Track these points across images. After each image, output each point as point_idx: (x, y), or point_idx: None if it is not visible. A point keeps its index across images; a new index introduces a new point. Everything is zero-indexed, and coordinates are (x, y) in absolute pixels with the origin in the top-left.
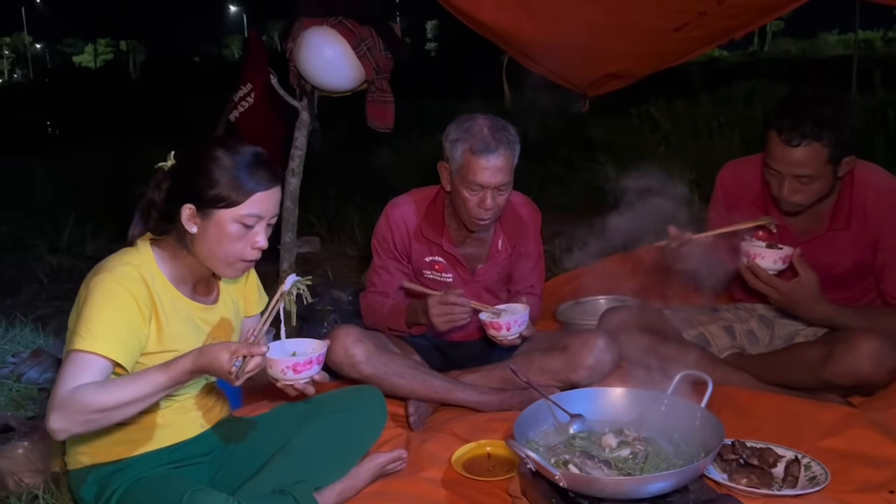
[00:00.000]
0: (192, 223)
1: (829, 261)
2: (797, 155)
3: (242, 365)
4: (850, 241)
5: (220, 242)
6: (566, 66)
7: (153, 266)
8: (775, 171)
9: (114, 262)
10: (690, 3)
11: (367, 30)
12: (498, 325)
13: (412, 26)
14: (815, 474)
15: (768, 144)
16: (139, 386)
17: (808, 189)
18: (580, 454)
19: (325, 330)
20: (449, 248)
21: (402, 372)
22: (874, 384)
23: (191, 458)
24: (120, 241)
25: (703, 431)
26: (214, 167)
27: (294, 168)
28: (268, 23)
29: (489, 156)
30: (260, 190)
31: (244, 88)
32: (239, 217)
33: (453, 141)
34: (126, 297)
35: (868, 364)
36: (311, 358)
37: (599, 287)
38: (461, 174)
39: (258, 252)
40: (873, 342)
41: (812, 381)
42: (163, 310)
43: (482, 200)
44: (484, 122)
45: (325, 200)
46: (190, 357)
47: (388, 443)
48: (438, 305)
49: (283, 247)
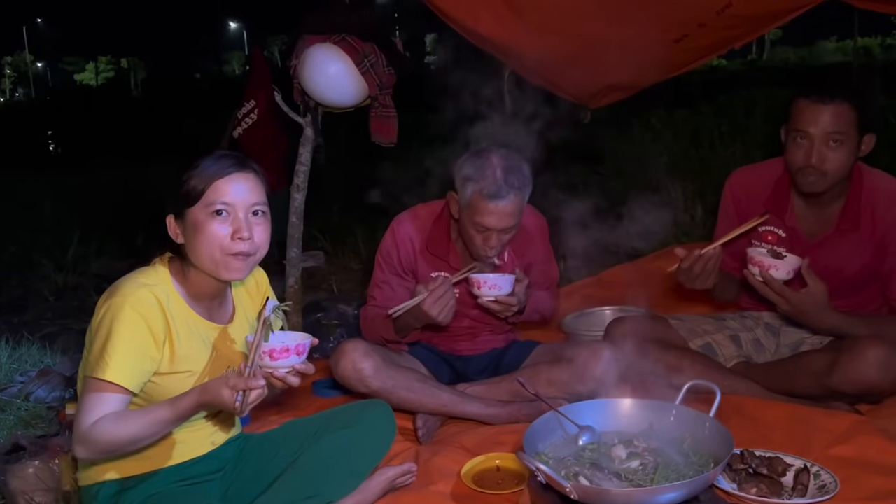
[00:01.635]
0: (176, 233)
1: (838, 264)
2: (829, 112)
3: (244, 398)
4: (858, 243)
5: (201, 242)
6: (567, 79)
7: (169, 285)
8: (805, 133)
9: (130, 284)
10: (690, 14)
11: (370, 46)
12: (477, 281)
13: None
14: (824, 483)
15: (796, 113)
16: (148, 423)
17: (836, 156)
18: (590, 466)
19: (331, 345)
20: (456, 263)
21: (411, 385)
22: (881, 392)
23: (202, 476)
24: (125, 258)
25: (712, 441)
26: (185, 172)
27: (299, 183)
28: (268, 38)
29: (499, 201)
30: (220, 176)
31: (247, 105)
32: (206, 207)
33: (465, 178)
34: (141, 325)
35: (875, 372)
36: (287, 346)
37: (604, 297)
38: (469, 213)
39: (245, 244)
40: (880, 350)
41: (818, 389)
42: (177, 332)
43: (487, 239)
44: (498, 161)
45: (328, 215)
46: (194, 394)
47: (398, 456)
48: (435, 305)
49: (288, 262)
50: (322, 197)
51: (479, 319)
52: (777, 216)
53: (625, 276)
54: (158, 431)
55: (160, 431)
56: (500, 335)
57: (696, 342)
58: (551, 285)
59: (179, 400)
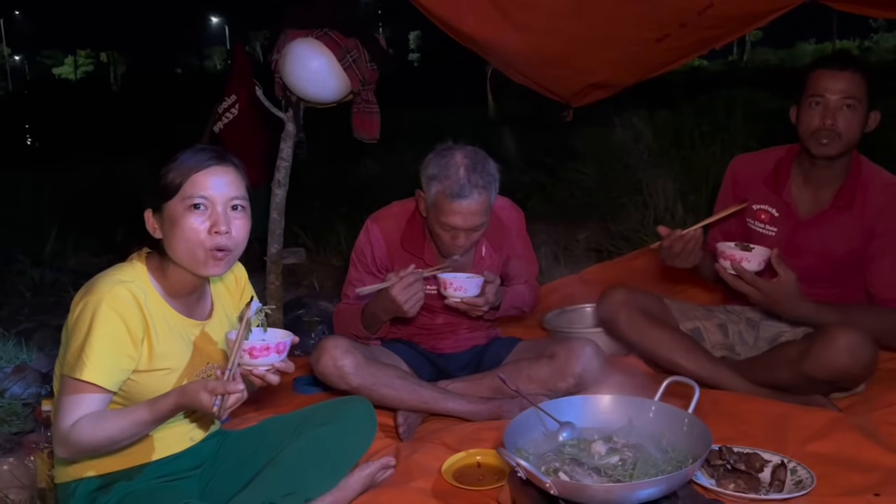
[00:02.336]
0: (154, 227)
1: (827, 243)
2: (844, 78)
3: (223, 402)
4: (848, 224)
5: (179, 237)
6: (549, 77)
7: (146, 282)
8: (822, 98)
9: (106, 281)
10: (671, 14)
11: (353, 41)
12: (444, 282)
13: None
14: (801, 478)
15: (811, 82)
16: (127, 424)
17: (848, 119)
18: (570, 462)
19: (312, 341)
20: (431, 260)
21: (392, 382)
22: (852, 378)
23: (180, 472)
24: (103, 254)
25: (690, 437)
26: (162, 167)
27: (280, 179)
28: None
29: (462, 201)
30: (198, 170)
31: (228, 100)
32: (184, 201)
33: (430, 178)
34: (119, 324)
35: (845, 357)
36: (267, 344)
37: (585, 295)
38: (434, 212)
39: (223, 238)
40: (850, 336)
41: (794, 377)
42: (154, 329)
43: (454, 238)
44: (462, 160)
45: (310, 211)
46: (173, 396)
47: (378, 453)
48: (401, 291)
49: (269, 258)
50: (304, 193)
51: (457, 315)
52: (775, 192)
53: (605, 274)
54: (138, 432)
55: (140, 432)
56: (480, 332)
57: (686, 325)
58: (531, 278)
59: (158, 401)
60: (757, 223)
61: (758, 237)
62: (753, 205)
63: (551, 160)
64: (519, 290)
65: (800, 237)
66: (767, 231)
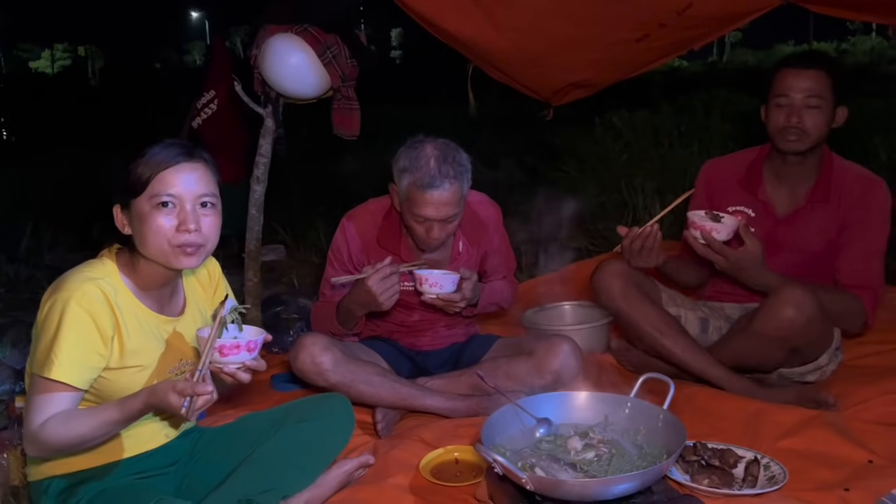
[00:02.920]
0: (122, 223)
1: (807, 238)
2: (809, 76)
3: (191, 404)
4: (825, 218)
5: (147, 234)
6: (530, 76)
7: (116, 278)
8: (786, 97)
9: (75, 279)
10: (651, 14)
11: (333, 37)
12: (419, 278)
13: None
14: (773, 474)
15: (777, 81)
16: (97, 424)
17: (814, 117)
18: (546, 457)
19: (290, 339)
20: (407, 256)
21: (370, 379)
22: (800, 333)
23: (155, 469)
24: (79, 250)
25: (665, 433)
26: (129, 161)
27: (259, 175)
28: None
29: (433, 191)
30: (166, 167)
31: (207, 95)
32: (152, 198)
33: (401, 170)
34: (88, 322)
35: (790, 309)
36: (238, 342)
37: (564, 293)
38: (407, 204)
39: (191, 235)
40: (795, 290)
41: (749, 340)
42: (125, 326)
43: (428, 230)
44: (432, 151)
45: (289, 208)
46: (143, 395)
47: (356, 450)
48: (377, 283)
49: (247, 255)
50: (283, 189)
51: (431, 313)
52: (750, 193)
53: (585, 272)
54: (108, 431)
55: (110, 431)
56: (459, 329)
57: (672, 310)
58: (509, 274)
59: (128, 401)
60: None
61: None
62: (730, 207)
63: (532, 158)
64: (497, 286)
65: (778, 235)
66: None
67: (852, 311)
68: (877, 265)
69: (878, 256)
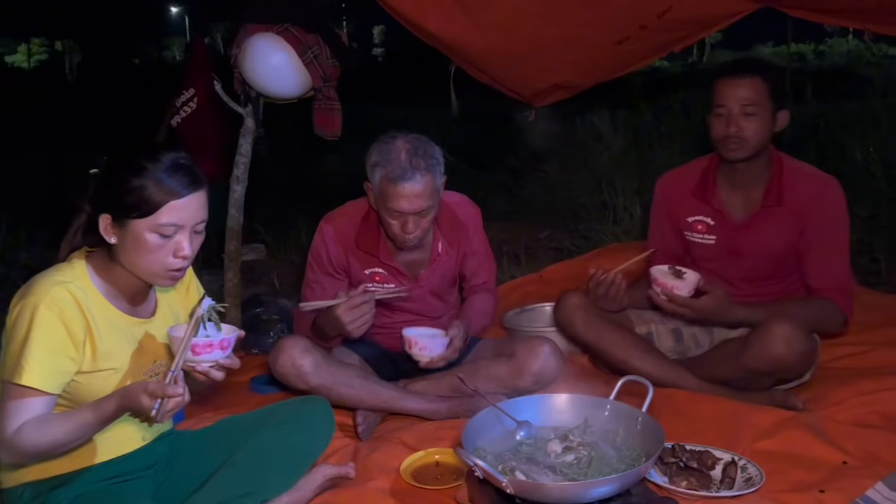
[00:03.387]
0: (111, 234)
1: (765, 241)
2: (743, 85)
3: (162, 406)
4: (781, 220)
5: (138, 253)
6: (512, 77)
7: (86, 281)
8: (723, 107)
9: (44, 282)
10: (631, 16)
11: (314, 37)
12: (408, 341)
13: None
14: (751, 475)
15: (715, 90)
16: (71, 428)
17: (752, 125)
18: (526, 460)
19: (271, 340)
20: (386, 258)
21: (351, 382)
22: (790, 368)
23: (132, 473)
24: (56, 249)
25: (644, 436)
26: (129, 175)
27: (238, 175)
28: (211, 24)
29: (405, 183)
30: (175, 198)
31: (186, 93)
32: (154, 227)
33: (373, 165)
34: (58, 326)
35: (781, 347)
36: (211, 341)
37: (545, 294)
38: (381, 200)
39: (183, 261)
40: (784, 326)
41: (736, 371)
42: (97, 329)
43: (404, 225)
44: (403, 145)
45: (270, 207)
46: (116, 397)
47: (337, 453)
48: (347, 312)
49: (227, 255)
50: (263, 189)
51: (416, 313)
52: (705, 202)
53: (565, 273)
54: (84, 435)
55: (86, 434)
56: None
57: (641, 328)
58: (489, 279)
59: (102, 403)
60: (695, 235)
61: (698, 248)
62: (688, 217)
63: (513, 159)
64: (479, 308)
65: (738, 241)
66: (706, 240)
67: (831, 317)
68: (843, 263)
69: (842, 254)
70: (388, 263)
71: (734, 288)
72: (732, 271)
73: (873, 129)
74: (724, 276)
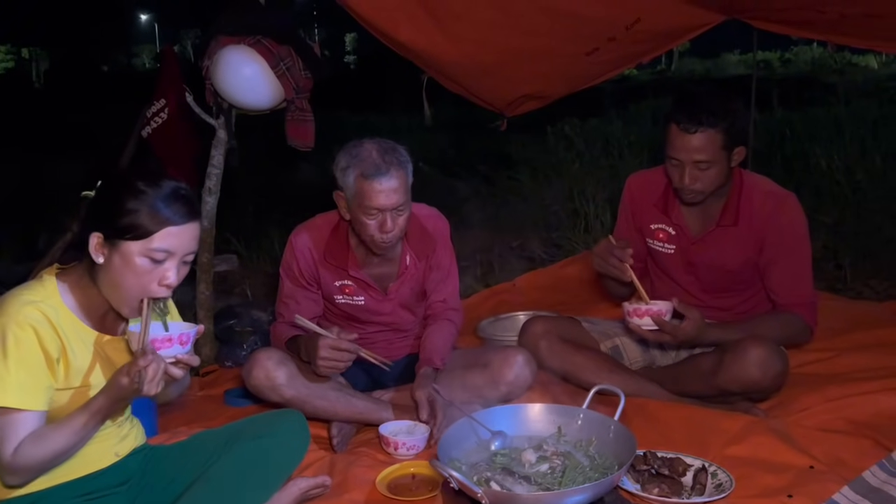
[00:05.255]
0: (100, 253)
1: (721, 257)
2: (695, 142)
3: (141, 378)
4: (738, 238)
5: (124, 275)
6: (484, 87)
7: (56, 300)
8: (676, 160)
9: (14, 302)
10: (600, 29)
11: (286, 49)
12: (395, 443)
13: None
14: (721, 481)
15: (668, 137)
16: (68, 433)
17: (707, 176)
18: (501, 471)
19: (244, 353)
20: (355, 272)
21: (325, 394)
22: (763, 389)
23: (105, 489)
24: (24, 261)
25: (616, 444)
26: (128, 196)
27: (211, 187)
28: (181, 31)
29: (381, 178)
30: (172, 224)
31: (157, 104)
32: (147, 251)
33: (344, 169)
34: (31, 343)
35: (755, 370)
36: (170, 336)
37: (519, 303)
38: (357, 200)
39: (167, 290)
40: (760, 349)
41: (709, 389)
42: (70, 346)
43: (382, 224)
44: (372, 145)
45: (242, 217)
46: (101, 394)
47: (312, 466)
48: (328, 349)
49: (199, 266)
50: (235, 199)
51: (387, 325)
52: (666, 215)
53: (538, 282)
54: (82, 438)
55: (83, 437)
56: (413, 341)
57: (606, 344)
58: (451, 297)
59: (90, 403)
60: (656, 242)
61: (658, 255)
62: (651, 224)
63: (486, 167)
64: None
65: (694, 254)
66: (667, 249)
67: (799, 332)
68: (806, 278)
69: (805, 269)
70: (356, 276)
71: (693, 298)
72: (691, 282)
73: (837, 137)
74: (684, 286)
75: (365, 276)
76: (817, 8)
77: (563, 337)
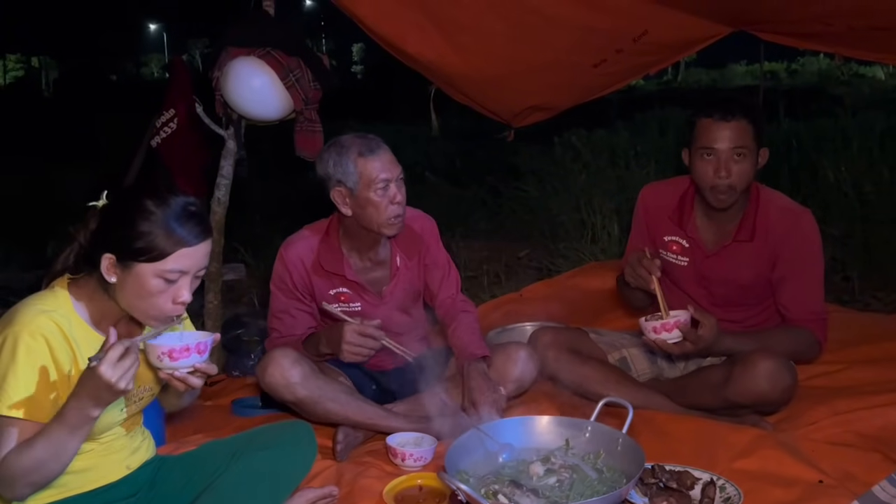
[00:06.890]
0: (112, 273)
1: (734, 272)
2: (731, 129)
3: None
4: (752, 254)
5: (139, 296)
6: (491, 98)
7: (69, 309)
8: (711, 150)
9: (27, 312)
10: (607, 40)
11: (296, 60)
12: (402, 454)
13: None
14: (729, 495)
15: (700, 132)
16: (44, 444)
17: (741, 169)
18: (509, 483)
19: (251, 362)
20: (352, 276)
21: (338, 397)
22: (772, 402)
23: (115, 501)
24: (32, 268)
25: (624, 457)
26: (139, 218)
27: (220, 197)
28: (189, 41)
29: (379, 151)
30: (185, 246)
31: (167, 114)
32: (160, 272)
33: (337, 161)
34: (42, 354)
35: (765, 383)
36: (188, 345)
37: (526, 313)
38: (363, 181)
39: (181, 307)
40: (769, 363)
41: (718, 401)
42: (82, 357)
43: (393, 197)
44: (349, 135)
45: (250, 226)
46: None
47: (319, 476)
48: (355, 335)
49: (208, 276)
50: (243, 208)
51: (384, 329)
52: (680, 228)
53: (545, 292)
54: (62, 446)
55: (63, 448)
56: (411, 345)
57: (614, 356)
58: (456, 291)
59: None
60: (669, 254)
61: (671, 267)
62: (665, 236)
63: (493, 178)
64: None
65: (707, 268)
66: (679, 261)
67: (810, 347)
68: (818, 294)
69: (817, 285)
70: (353, 281)
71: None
72: (703, 295)
73: (844, 149)
74: (694, 298)
75: (361, 280)
76: (825, 20)
77: (571, 348)
